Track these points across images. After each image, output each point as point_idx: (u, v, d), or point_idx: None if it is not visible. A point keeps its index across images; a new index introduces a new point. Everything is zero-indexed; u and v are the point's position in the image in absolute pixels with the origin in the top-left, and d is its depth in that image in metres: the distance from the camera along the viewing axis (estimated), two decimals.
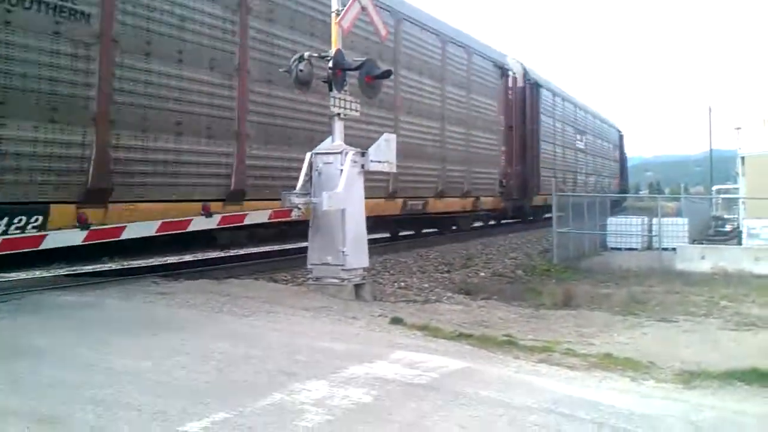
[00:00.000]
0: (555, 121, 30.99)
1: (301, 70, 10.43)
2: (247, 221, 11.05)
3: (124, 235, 9.13)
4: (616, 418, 4.79)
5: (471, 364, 6.20)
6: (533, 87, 27.73)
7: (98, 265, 12.68)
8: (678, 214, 23.35)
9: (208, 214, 10.30)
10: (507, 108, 25.09)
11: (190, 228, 10.02)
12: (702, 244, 19.72)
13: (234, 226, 11.29)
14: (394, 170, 11.44)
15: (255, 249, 16.13)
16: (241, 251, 15.91)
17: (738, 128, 27.50)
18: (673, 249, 18.08)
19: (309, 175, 10.38)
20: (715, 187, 36.41)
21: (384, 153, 10.85)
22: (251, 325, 7.34)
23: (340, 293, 9.66)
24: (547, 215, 27.94)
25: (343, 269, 9.88)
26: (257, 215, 11.09)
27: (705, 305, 11.55)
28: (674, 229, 19.90)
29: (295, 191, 10.21)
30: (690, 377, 6.15)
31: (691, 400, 5.47)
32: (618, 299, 11.89)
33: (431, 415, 4.70)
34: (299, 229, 11.84)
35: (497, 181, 23.50)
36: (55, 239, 8.36)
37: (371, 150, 10.59)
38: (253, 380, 5.25)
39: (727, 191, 32.54)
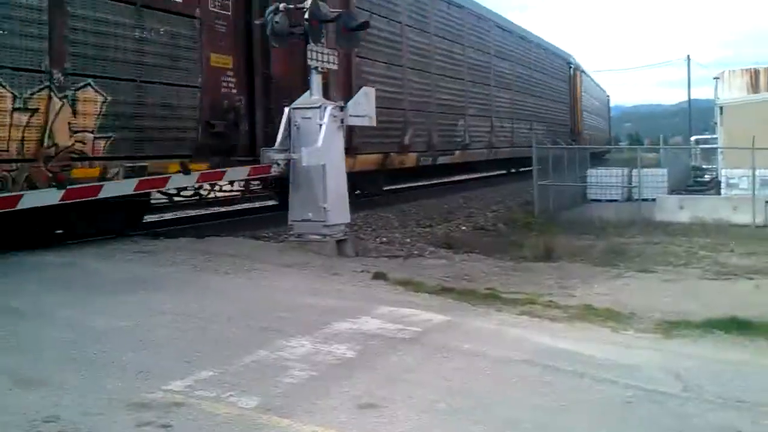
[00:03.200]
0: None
1: (276, 22, 10.23)
2: (226, 178, 10.96)
3: (102, 194, 9.01)
4: (597, 368, 4.87)
5: (454, 317, 6.24)
6: None
7: None
8: (657, 165, 23.52)
9: (186, 171, 10.18)
10: None
11: (168, 186, 9.93)
12: (681, 194, 19.88)
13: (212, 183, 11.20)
14: (374, 124, 11.35)
15: (238, 206, 16.05)
16: (222, 208, 15.82)
17: (716, 78, 27.57)
18: (653, 200, 18.23)
19: (288, 130, 10.26)
20: (693, 138, 36.60)
21: (363, 107, 10.77)
22: (233, 283, 7.34)
23: (322, 249, 9.65)
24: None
25: (324, 225, 9.86)
26: (236, 172, 10.99)
27: (684, 255, 11.69)
28: (654, 180, 20.03)
29: (274, 147, 10.11)
30: (670, 327, 6.23)
31: (672, 349, 5.55)
32: (598, 251, 12.00)
33: (415, 369, 4.75)
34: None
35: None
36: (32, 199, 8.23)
37: (350, 104, 10.50)
38: (237, 338, 5.26)
39: (705, 141, 32.71)
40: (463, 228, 15.19)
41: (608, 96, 51.71)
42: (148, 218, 13.92)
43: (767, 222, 16.14)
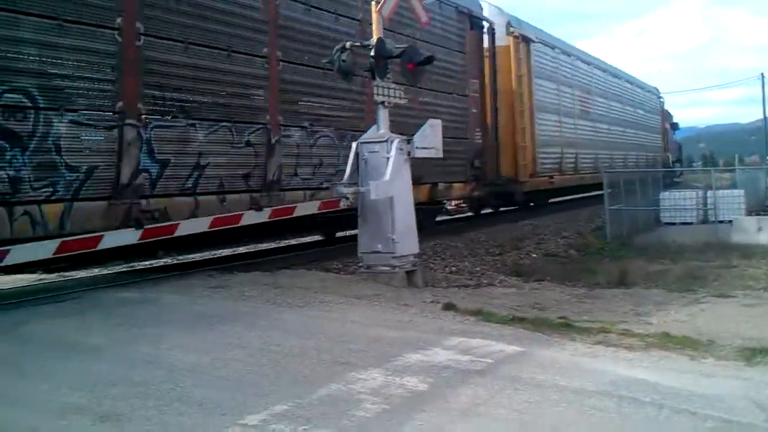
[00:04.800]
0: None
1: (343, 60, 10.41)
2: (297, 213, 11.12)
3: (179, 232, 9.27)
4: (676, 399, 4.71)
5: (526, 348, 6.15)
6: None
7: (154, 261, 12.96)
8: (733, 185, 22.75)
9: (259, 208, 10.38)
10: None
11: (242, 223, 10.14)
12: (759, 215, 19.16)
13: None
14: (440, 156, 11.38)
15: (307, 238, 16.26)
16: (293, 241, 16.05)
17: None
18: (729, 221, 17.65)
19: (356, 164, 10.38)
20: None
21: (430, 139, 10.81)
22: (305, 316, 7.41)
23: (391, 281, 9.66)
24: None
25: (393, 256, 9.88)
26: (306, 207, 11.15)
27: (764, 279, 11.26)
28: (730, 201, 19.38)
29: (342, 181, 10.23)
30: (751, 354, 5.98)
31: (754, 377, 5.33)
32: (674, 275, 11.67)
33: (487, 401, 4.68)
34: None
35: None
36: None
37: (417, 137, 10.55)
38: (309, 371, 5.29)
39: None
40: (534, 255, 15.00)
41: (662, 99, 46.98)
42: (222, 252, 14.27)
43: None
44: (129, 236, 8.76)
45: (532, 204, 23.10)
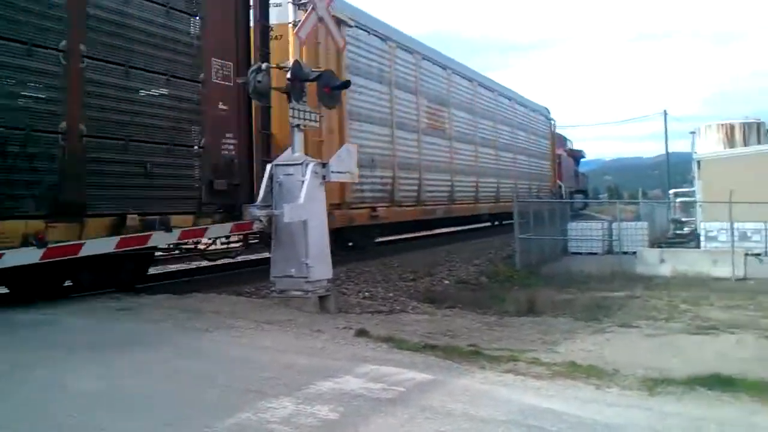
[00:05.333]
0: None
1: (259, 81, 10.36)
2: (207, 235, 10.93)
3: (83, 252, 8.93)
4: (582, 428, 4.84)
5: (437, 376, 6.20)
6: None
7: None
8: (637, 218, 23.78)
9: (168, 228, 10.14)
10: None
11: (150, 243, 9.87)
12: (661, 247, 20.08)
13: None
14: (356, 180, 11.44)
15: (219, 261, 15.96)
16: (204, 263, 15.72)
17: (693, 132, 28.10)
18: (633, 253, 18.41)
19: (270, 186, 10.32)
20: (672, 191, 37.06)
21: (346, 164, 10.86)
22: (215, 341, 7.26)
23: (304, 306, 9.60)
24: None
25: (306, 281, 9.83)
26: (218, 229, 10.97)
27: (666, 309, 11.77)
28: (634, 233, 20.29)
29: (256, 203, 10.15)
30: (653, 384, 6.21)
31: (655, 407, 5.53)
32: (580, 305, 12.05)
33: (398, 430, 4.69)
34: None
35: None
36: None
37: (333, 161, 10.58)
38: (218, 399, 5.18)
39: (684, 194, 33.17)
40: (446, 282, 15.21)
41: (552, 121, 40.61)
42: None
43: (747, 274, 16.38)
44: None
45: (350, 244, 17.93)
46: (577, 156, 51.62)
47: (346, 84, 11.71)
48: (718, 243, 18.82)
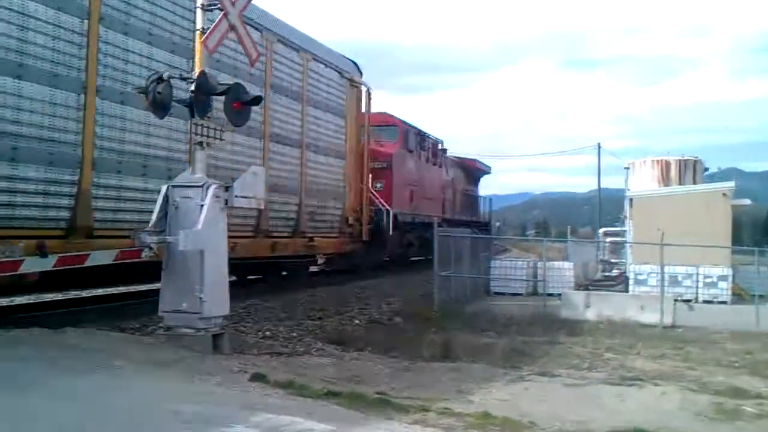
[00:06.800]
0: None
1: (159, 93, 10.20)
2: (89, 262, 10.63)
3: None
4: None
5: (339, 427, 6.19)
6: None
7: None
8: (565, 257, 24.42)
9: (44, 254, 9.83)
10: None
11: (21, 270, 9.55)
12: (588, 290, 20.59)
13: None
14: (262, 207, 11.38)
15: (102, 290, 15.58)
16: (84, 293, 15.31)
17: (626, 167, 28.86)
18: (559, 295, 18.83)
19: (165, 209, 10.13)
20: (602, 230, 38.14)
21: (252, 188, 10.78)
22: (91, 383, 7.05)
23: (195, 345, 9.43)
24: None
25: (200, 317, 9.65)
26: (101, 256, 10.69)
27: (589, 357, 12.07)
28: (560, 274, 20.81)
29: (147, 229, 9.93)
30: None
31: None
32: (500, 350, 12.22)
33: None
34: None
35: None
36: None
37: (236, 184, 10.49)
38: None
39: (615, 234, 34.24)
40: (357, 321, 15.21)
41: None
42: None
43: (675, 322, 16.93)
44: None
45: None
46: (471, 168, 40.87)
47: (258, 99, 11.63)
48: (648, 287, 19.38)
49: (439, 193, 33.36)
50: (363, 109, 22.70)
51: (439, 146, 33.83)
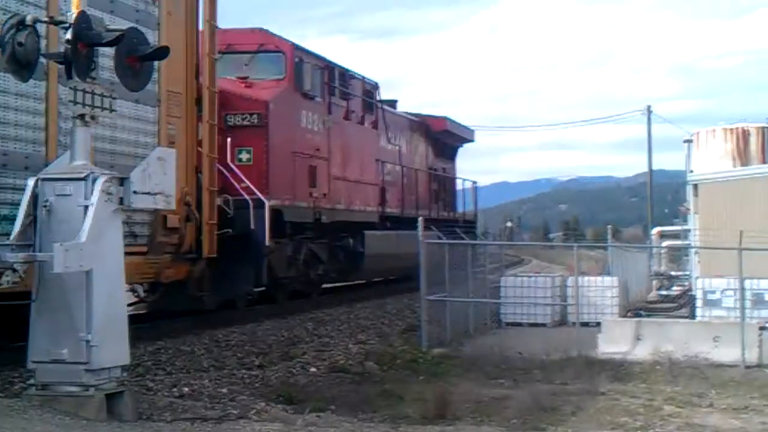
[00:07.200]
0: None
1: (20, 44, 10.03)
2: None
3: None
4: None
5: None
6: None
7: None
8: (604, 269, 24.42)
9: None
10: None
11: None
12: (639, 316, 20.58)
13: None
14: (172, 206, 11.30)
15: None
16: None
17: (687, 141, 28.66)
18: (597, 324, 18.77)
19: (33, 214, 9.98)
20: (655, 230, 38.21)
21: (156, 179, 10.65)
22: None
23: (81, 409, 9.36)
24: None
25: (87, 369, 9.57)
26: None
27: (643, 413, 12.09)
28: (599, 294, 20.76)
29: (7, 242, 9.80)
30: None
31: None
32: (516, 406, 12.24)
33: None
34: None
35: None
36: None
37: (134, 175, 10.34)
38: None
39: (675, 235, 34.29)
40: (313, 369, 15.16)
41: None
42: None
43: (763, 360, 16.72)
44: None
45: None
46: (438, 133, 37.23)
47: (164, 52, 11.51)
48: (722, 310, 19.32)
49: (375, 173, 29.11)
50: (206, 18, 17.60)
51: (376, 95, 29.96)
